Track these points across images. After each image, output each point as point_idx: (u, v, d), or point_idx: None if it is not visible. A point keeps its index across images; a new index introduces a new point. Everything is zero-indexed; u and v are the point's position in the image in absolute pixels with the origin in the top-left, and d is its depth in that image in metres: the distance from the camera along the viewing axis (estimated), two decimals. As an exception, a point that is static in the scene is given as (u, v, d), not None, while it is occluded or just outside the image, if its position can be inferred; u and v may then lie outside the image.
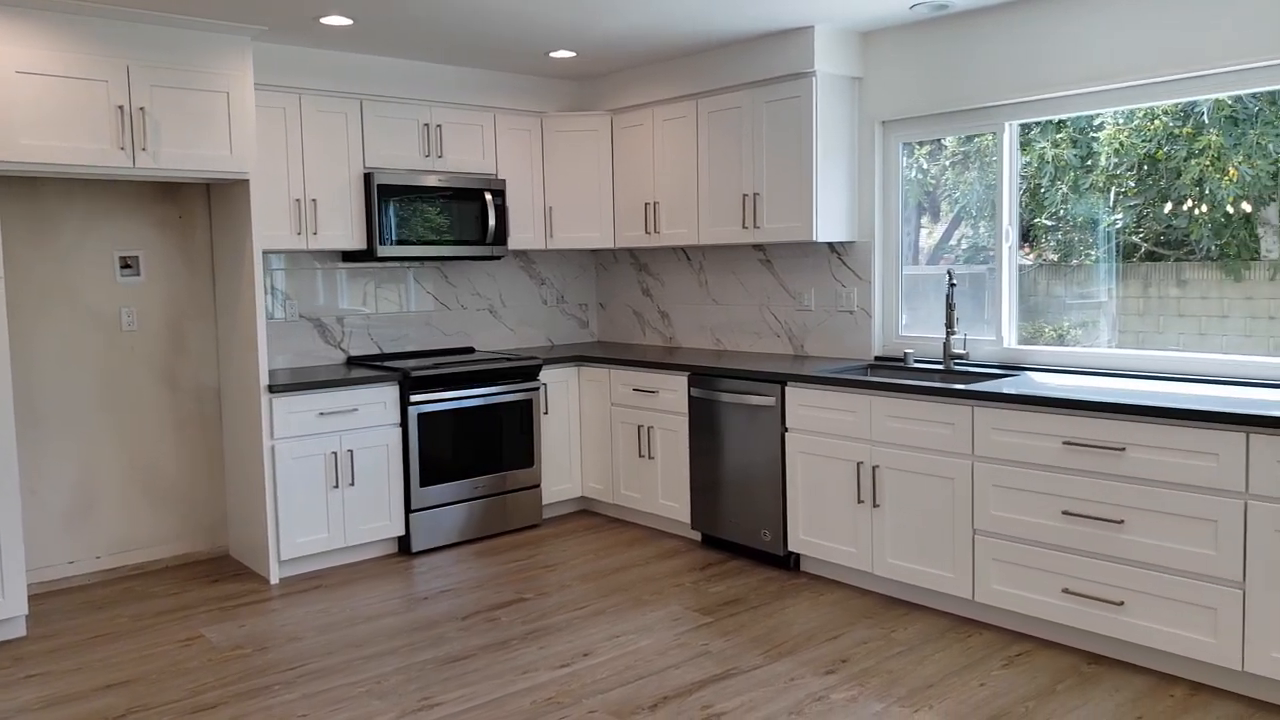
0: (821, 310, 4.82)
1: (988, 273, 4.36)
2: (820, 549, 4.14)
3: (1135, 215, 8.62)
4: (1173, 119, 7.99)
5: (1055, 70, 3.92)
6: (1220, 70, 3.55)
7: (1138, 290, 9.29)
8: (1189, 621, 3.09)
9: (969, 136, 4.36)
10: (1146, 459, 3.15)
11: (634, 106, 5.22)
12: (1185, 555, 3.08)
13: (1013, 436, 3.48)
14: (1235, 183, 7.35)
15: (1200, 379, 3.69)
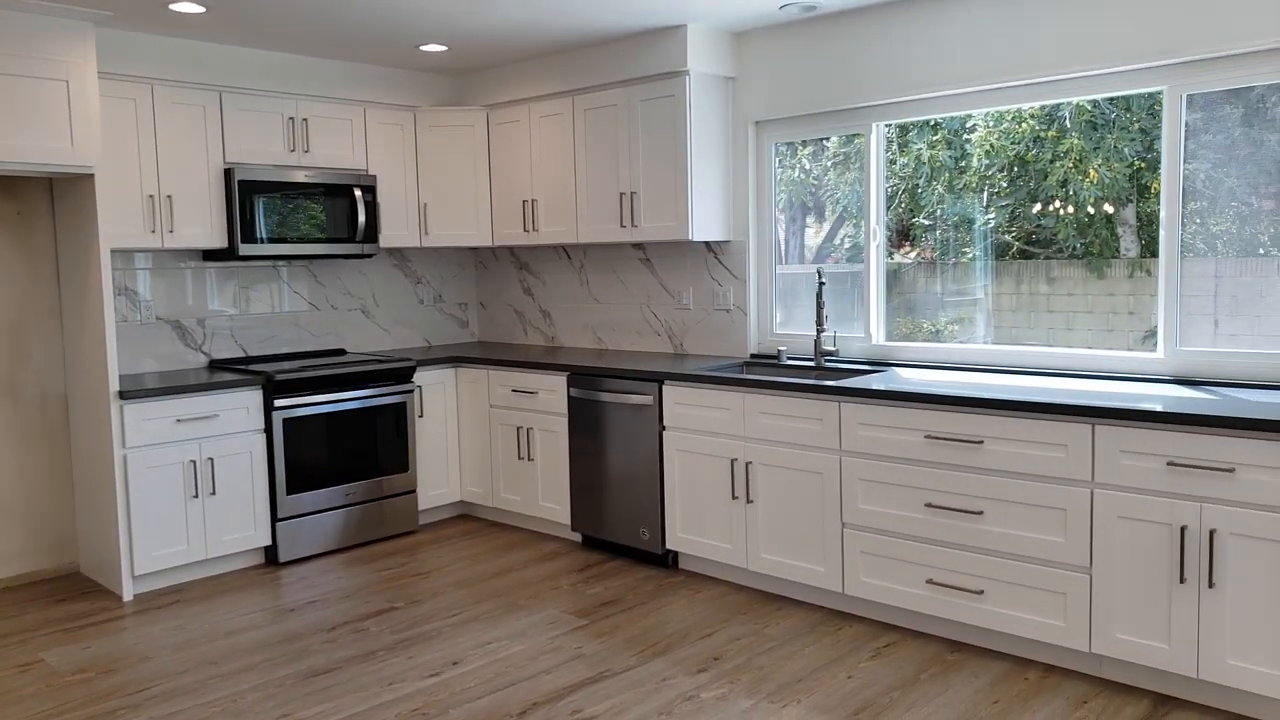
0: (700, 309, 4.84)
1: (878, 270, 4.44)
2: (697, 546, 4.15)
3: (1007, 215, 8.98)
4: (1039, 122, 8.35)
5: (920, 73, 4.02)
6: (1075, 75, 3.68)
7: (1010, 287, 9.68)
8: (1042, 607, 3.20)
9: (850, 137, 4.44)
10: (1002, 451, 3.25)
11: (510, 102, 5.14)
12: (1038, 543, 3.19)
13: (878, 431, 3.55)
14: (1096, 184, 7.74)
15: (1062, 373, 3.83)
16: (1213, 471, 2.84)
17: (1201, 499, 2.87)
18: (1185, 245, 4.16)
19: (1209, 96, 3.51)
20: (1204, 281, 6.40)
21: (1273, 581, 2.76)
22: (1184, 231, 4.02)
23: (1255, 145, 3.68)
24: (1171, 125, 3.52)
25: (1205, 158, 4.03)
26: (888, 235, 4.56)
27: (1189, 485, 2.89)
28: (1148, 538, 2.97)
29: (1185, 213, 3.88)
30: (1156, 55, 3.43)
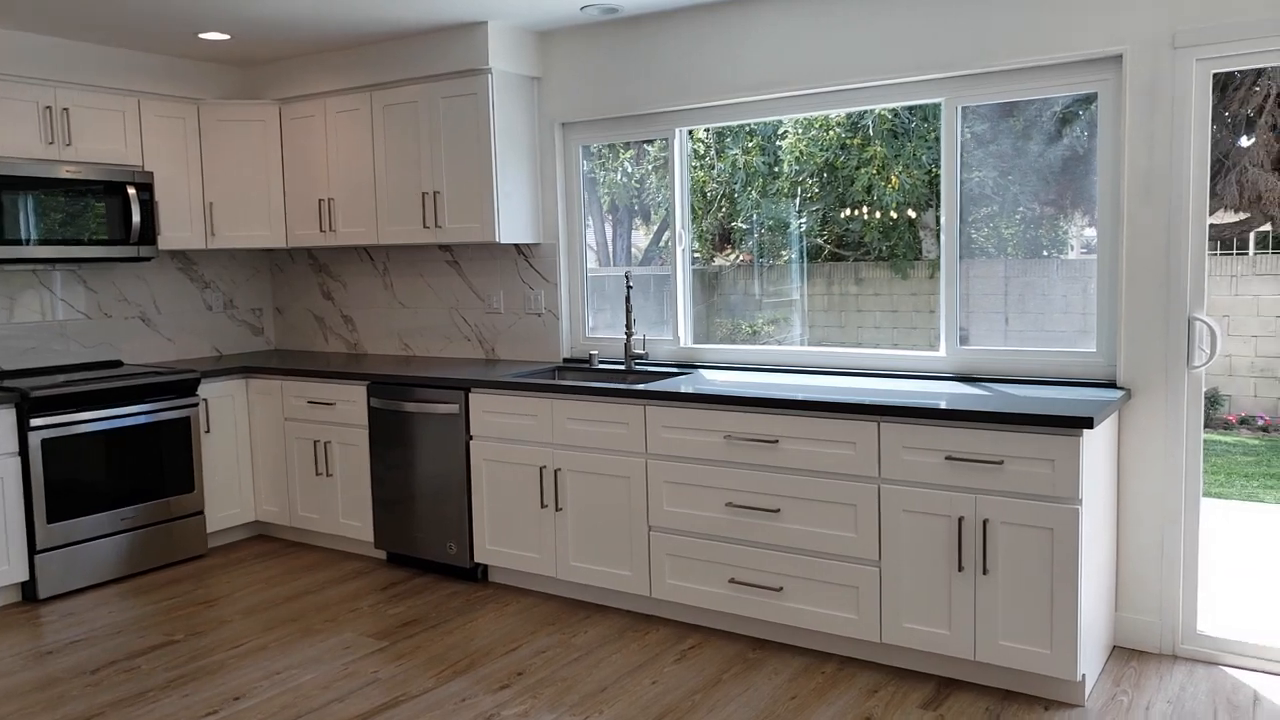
0: (511, 313, 4.74)
1: (685, 274, 4.45)
2: (507, 558, 4.05)
3: (819, 219, 9.37)
4: (845, 130, 8.74)
5: (722, 78, 4.06)
6: (865, 85, 3.80)
7: (823, 288, 10.11)
8: (837, 601, 3.29)
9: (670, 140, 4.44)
10: (797, 450, 3.33)
11: (304, 96, 4.86)
12: (832, 539, 3.28)
13: (681, 433, 3.56)
14: (898, 190, 8.18)
15: (861, 372, 3.93)
16: (985, 464, 3.00)
17: (976, 491, 3.02)
18: (978, 248, 4.38)
19: (994, 109, 3.72)
20: (994, 281, 6.82)
21: (1036, 566, 2.94)
22: (976, 235, 4.23)
23: (1035, 155, 3.94)
24: (949, 135, 3.71)
25: (993, 166, 4.28)
26: (709, 238, 4.61)
27: (965, 478, 3.04)
28: (930, 529, 3.11)
29: (978, 217, 4.08)
30: (935, 68, 3.60)
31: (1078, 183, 4.04)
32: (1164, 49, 3.19)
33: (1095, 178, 3.45)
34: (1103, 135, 3.39)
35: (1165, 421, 3.29)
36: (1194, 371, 3.28)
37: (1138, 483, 3.34)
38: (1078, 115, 3.91)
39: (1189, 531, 3.29)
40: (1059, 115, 4.93)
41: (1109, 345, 3.43)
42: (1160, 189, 3.24)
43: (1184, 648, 3.31)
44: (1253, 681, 3.13)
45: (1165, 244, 3.26)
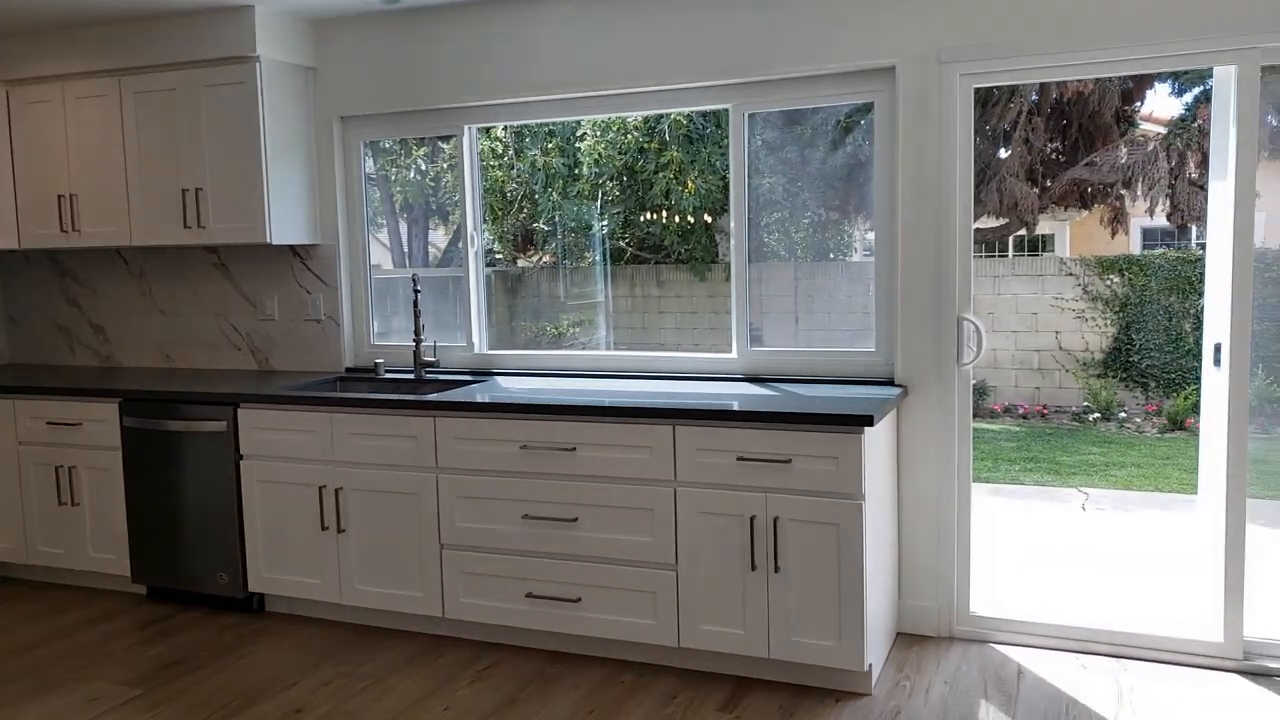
0: (287, 320, 4.40)
1: (478, 277, 4.27)
2: (285, 585, 3.74)
3: (620, 221, 9.42)
4: (642, 134, 8.81)
5: (513, 76, 3.92)
6: (655, 89, 3.76)
7: (626, 290, 10.17)
8: (635, 608, 3.24)
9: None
10: (594, 456, 3.25)
11: (40, 79, 4.32)
12: (630, 545, 3.23)
13: (474, 445, 3.40)
14: (695, 194, 8.35)
15: (661, 375, 3.89)
16: (774, 464, 3.04)
17: (766, 490, 3.05)
18: (769, 251, 4.44)
19: (781, 117, 3.79)
20: (785, 283, 7.00)
21: (823, 561, 3.01)
22: (768, 238, 4.29)
23: (820, 162, 4.06)
24: (737, 141, 3.74)
25: (782, 172, 4.37)
26: (511, 239, 4.46)
27: (756, 478, 3.06)
28: (724, 530, 3.11)
29: (769, 221, 4.14)
30: (723, 75, 3.63)
31: (860, 189, 4.20)
32: (931, 63, 3.35)
33: (874, 184, 3.59)
34: (879, 143, 3.52)
35: (939, 416, 3.45)
36: (963, 368, 3.46)
37: (915, 475, 3.49)
38: (858, 124, 4.07)
39: (961, 518, 3.48)
40: (841, 124, 5.12)
41: (888, 345, 3.57)
42: (931, 195, 3.40)
43: (959, 629, 3.50)
44: (1018, 656, 3.34)
45: (936, 248, 3.42)
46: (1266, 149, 9.65)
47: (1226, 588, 3.19)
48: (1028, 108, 9.27)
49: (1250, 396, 3.19)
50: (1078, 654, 3.35)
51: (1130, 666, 3.24)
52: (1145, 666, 3.23)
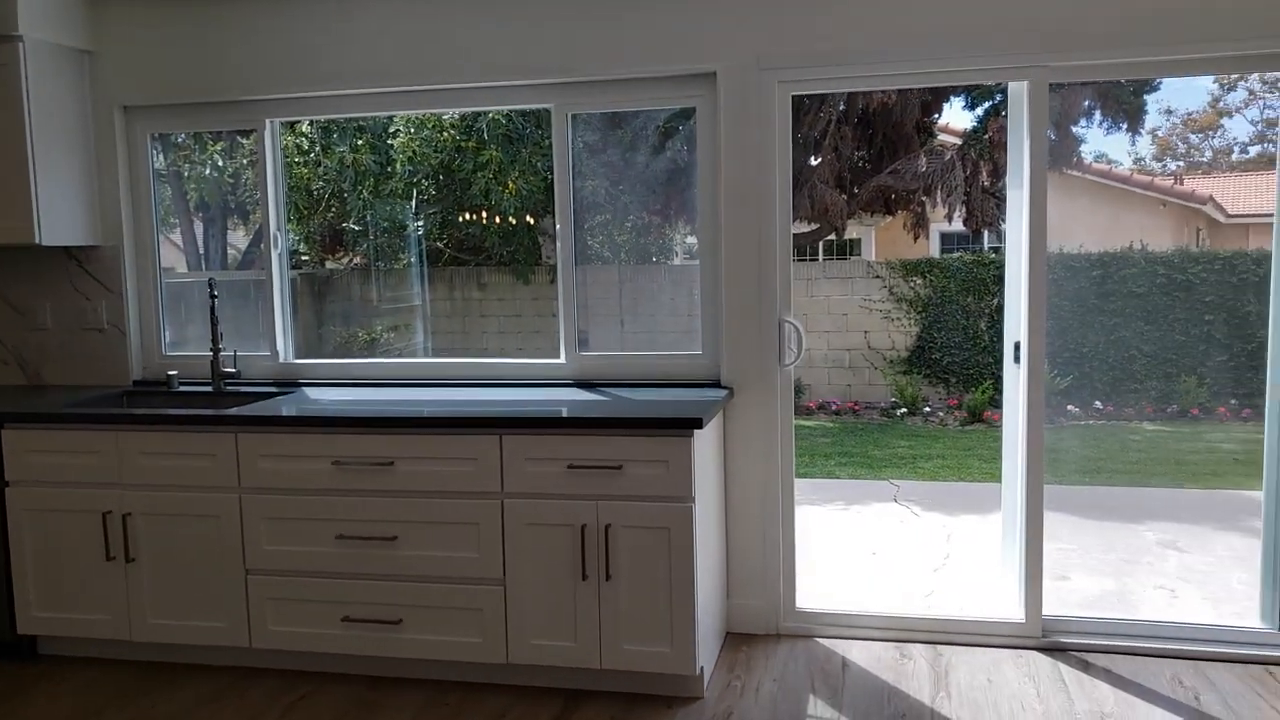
0: (62, 329, 3.97)
1: (282, 281, 3.97)
2: (64, 624, 3.36)
3: (438, 222, 9.12)
4: (460, 133, 8.56)
5: (319, 67, 3.68)
6: (475, 85, 3.62)
7: (445, 293, 9.86)
8: (461, 626, 3.10)
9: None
10: (414, 470, 3.08)
11: None
12: (454, 561, 3.09)
13: (281, 462, 3.16)
14: (516, 195, 8.20)
15: (485, 382, 3.75)
16: (605, 470, 2.98)
17: (597, 497, 2.99)
18: (594, 254, 4.37)
19: (604, 119, 3.74)
20: (611, 287, 6.95)
21: (655, 567, 2.97)
22: (592, 241, 4.22)
23: (643, 166, 4.04)
24: (560, 141, 3.66)
25: (606, 175, 4.32)
26: (318, 240, 4.18)
27: (586, 485, 2.99)
28: (554, 541, 3.03)
29: (593, 224, 4.07)
30: (545, 74, 3.54)
31: (682, 193, 4.21)
32: (752, 70, 3.39)
33: (696, 188, 3.60)
34: (702, 148, 3.53)
35: (763, 416, 3.50)
36: (785, 369, 3.53)
37: (741, 475, 3.53)
38: (678, 129, 4.08)
39: (786, 515, 3.54)
40: (661, 128, 5.13)
41: (713, 347, 3.59)
42: (752, 200, 3.44)
43: (786, 625, 3.56)
44: (842, 649, 3.43)
45: (758, 252, 3.46)
46: (1049, 160, 10.52)
47: (1027, 570, 3.39)
48: (836, 117, 9.69)
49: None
50: (898, 642, 3.47)
51: (945, 651, 3.39)
52: (958, 650, 3.39)
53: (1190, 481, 6.99)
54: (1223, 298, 9.47)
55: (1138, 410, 9.37)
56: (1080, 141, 10.74)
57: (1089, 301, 9.62)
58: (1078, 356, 9.53)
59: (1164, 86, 32.77)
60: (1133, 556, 4.85)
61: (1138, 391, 9.52)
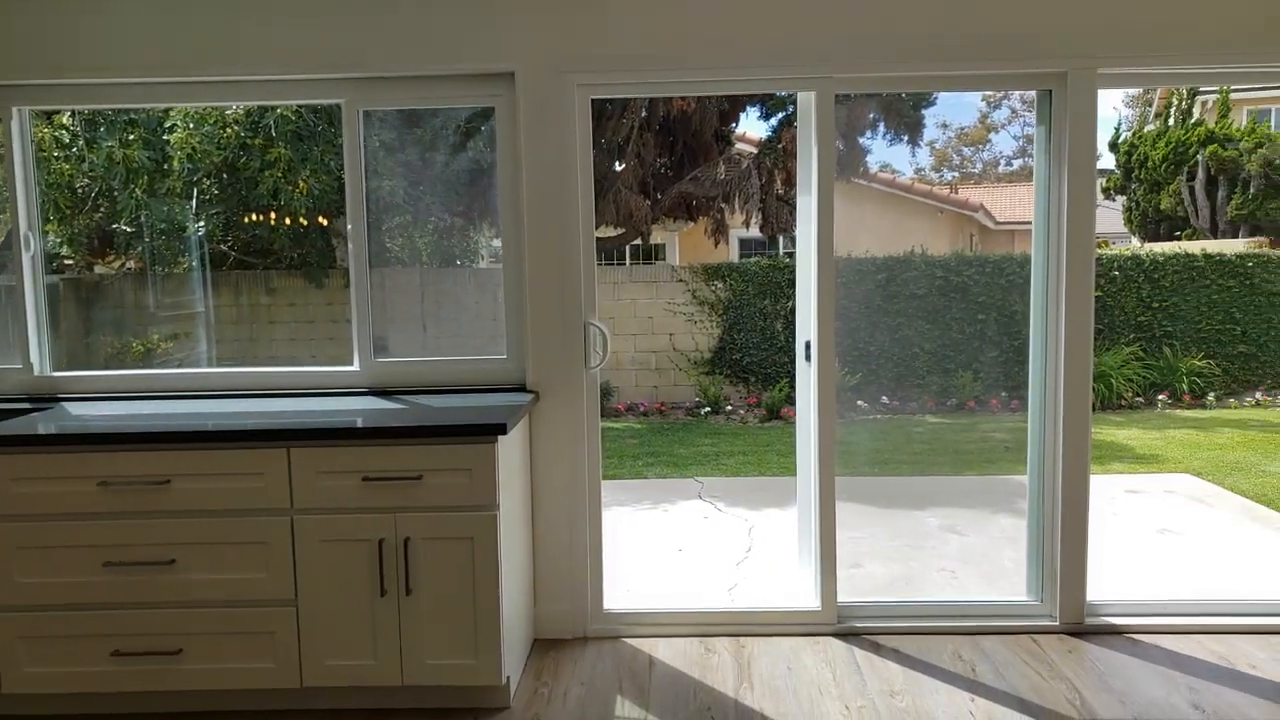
0: None
1: (36, 287, 3.57)
2: None
3: (221, 223, 8.52)
4: (245, 129, 8.04)
5: (79, 52, 3.35)
6: (259, 78, 3.40)
7: (231, 299, 9.24)
8: (250, 652, 2.90)
9: None
10: (193, 489, 2.86)
11: None
12: (240, 584, 2.89)
13: (37, 485, 2.85)
14: (307, 195, 7.79)
15: (274, 393, 3.54)
16: (404, 481, 2.87)
17: (396, 509, 2.88)
18: (393, 256, 4.22)
19: (401, 118, 3.60)
20: (411, 291, 6.74)
21: (458, 578, 2.89)
22: (391, 243, 4.07)
23: (443, 166, 3.92)
24: (351, 139, 3.51)
25: (404, 175, 4.17)
26: (84, 242, 3.78)
27: (384, 497, 2.87)
28: (350, 557, 2.89)
29: (392, 226, 3.92)
30: (335, 68, 3.38)
31: (484, 194, 4.14)
32: (550, 72, 3.37)
33: (498, 191, 3.54)
34: (502, 149, 3.48)
35: (569, 419, 3.49)
36: (591, 371, 3.53)
37: (548, 479, 3.50)
38: (480, 129, 4.00)
39: (593, 518, 3.54)
40: (462, 128, 5.04)
41: (518, 351, 3.54)
42: (554, 203, 3.42)
43: (594, 628, 3.56)
44: (649, 647, 3.46)
45: (561, 255, 3.45)
46: (837, 169, 11.12)
47: (822, 559, 3.55)
48: (639, 123, 9.86)
49: None
50: (703, 637, 3.55)
51: (748, 642, 3.49)
52: (761, 640, 3.51)
53: (968, 469, 7.57)
54: (993, 298, 10.34)
55: (920, 404, 10.07)
56: (867, 152, 11.44)
57: (875, 303, 10.26)
58: (866, 355, 10.14)
59: (940, 102, 35.22)
60: (918, 541, 5.19)
61: (920, 386, 10.24)
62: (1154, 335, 10.63)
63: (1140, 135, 16.02)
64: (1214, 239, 13.89)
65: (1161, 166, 15.28)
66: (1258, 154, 14.05)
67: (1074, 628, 3.53)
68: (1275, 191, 13.99)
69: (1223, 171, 14.45)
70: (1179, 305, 10.65)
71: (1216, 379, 10.51)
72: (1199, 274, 10.62)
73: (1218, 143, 14.55)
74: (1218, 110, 15.18)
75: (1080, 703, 3.01)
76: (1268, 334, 10.60)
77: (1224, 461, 7.32)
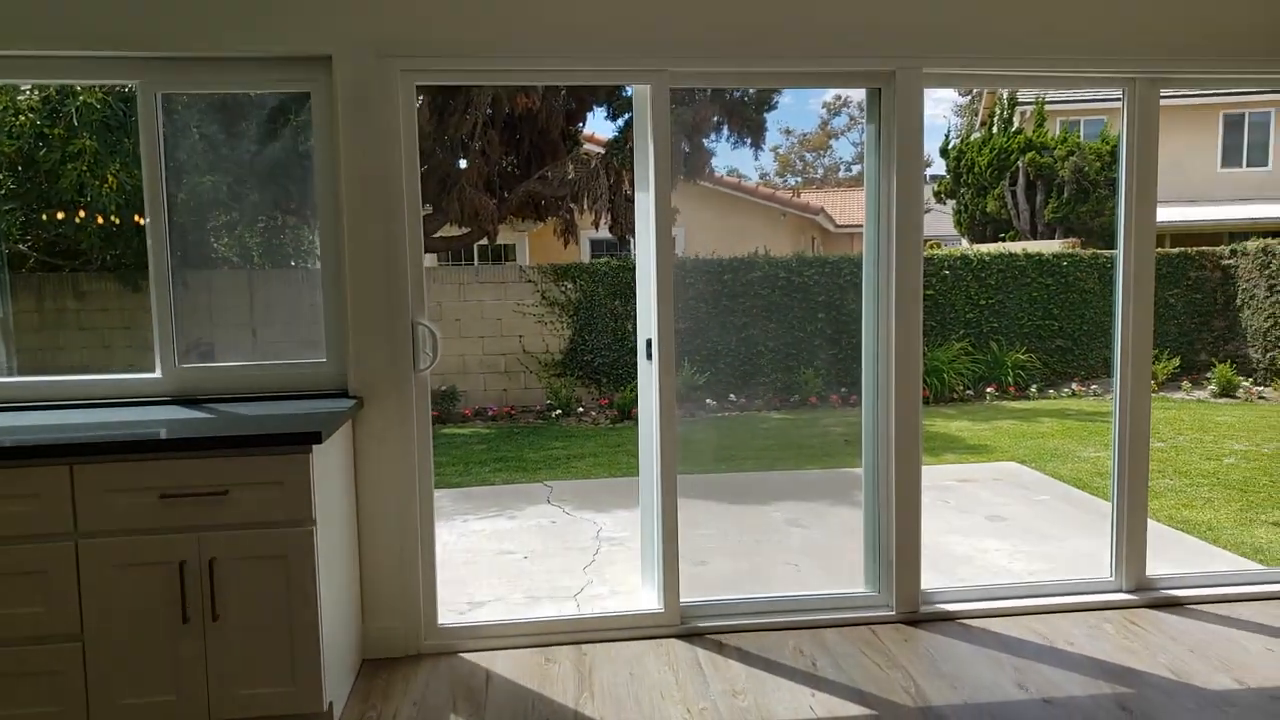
0: None
1: None
2: None
3: (18, 221, 7.77)
4: (42, 118, 7.35)
5: None
6: (53, 54, 3.05)
7: (32, 304, 8.44)
8: (28, 696, 2.58)
9: None
10: (-45, 514, 2.52)
11: None
12: (14, 620, 2.56)
13: None
14: (118, 191, 7.18)
15: (71, 403, 3.18)
16: (207, 497, 2.62)
17: (199, 529, 2.62)
18: (207, 256, 3.92)
19: (214, 106, 3.31)
20: (241, 293, 6.28)
21: (272, 599, 2.67)
22: (205, 241, 3.77)
23: (258, 157, 3.63)
24: (148, 125, 3.20)
25: (229, 171, 3.86)
26: None
27: (185, 516, 2.61)
28: (146, 584, 2.61)
29: (218, 225, 3.62)
30: (129, 45, 3.07)
31: (304, 188, 3.88)
32: (371, 56, 3.17)
33: (315, 183, 3.31)
34: (319, 139, 3.25)
35: (398, 425, 3.29)
36: (420, 374, 3.34)
37: (375, 490, 3.30)
38: (296, 117, 3.75)
39: (425, 529, 3.36)
40: (294, 120, 4.73)
41: (339, 354, 3.32)
42: (379, 197, 3.22)
43: (427, 644, 3.38)
44: (486, 662, 3.31)
45: (386, 252, 3.25)
46: (683, 171, 11.21)
47: (664, 561, 3.49)
48: (483, 120, 9.64)
49: (680, 385, 3.53)
50: (544, 647, 3.42)
51: (590, 650, 3.39)
52: (603, 647, 3.41)
53: (811, 463, 7.75)
54: (831, 297, 10.67)
55: (766, 401, 10.28)
56: (712, 154, 11.59)
57: (721, 302, 10.41)
58: (714, 354, 10.27)
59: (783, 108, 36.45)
60: (763, 536, 5.23)
61: (765, 384, 10.45)
62: (982, 331, 11.22)
63: (968, 142, 16.96)
64: (1034, 240, 14.84)
65: (987, 172, 16.22)
66: (1069, 161, 15.10)
67: (910, 616, 3.60)
68: (1085, 196, 15.07)
69: (1040, 177, 15.46)
70: (1003, 302, 11.28)
71: (1038, 371, 11.20)
72: (1021, 273, 11.29)
73: (1035, 150, 15.55)
74: (1035, 119, 16.23)
75: (915, 690, 3.06)
76: (1081, 329, 11.38)
77: (1045, 449, 7.76)
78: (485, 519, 5.70)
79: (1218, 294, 11.52)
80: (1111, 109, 16.96)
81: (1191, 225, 16.35)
